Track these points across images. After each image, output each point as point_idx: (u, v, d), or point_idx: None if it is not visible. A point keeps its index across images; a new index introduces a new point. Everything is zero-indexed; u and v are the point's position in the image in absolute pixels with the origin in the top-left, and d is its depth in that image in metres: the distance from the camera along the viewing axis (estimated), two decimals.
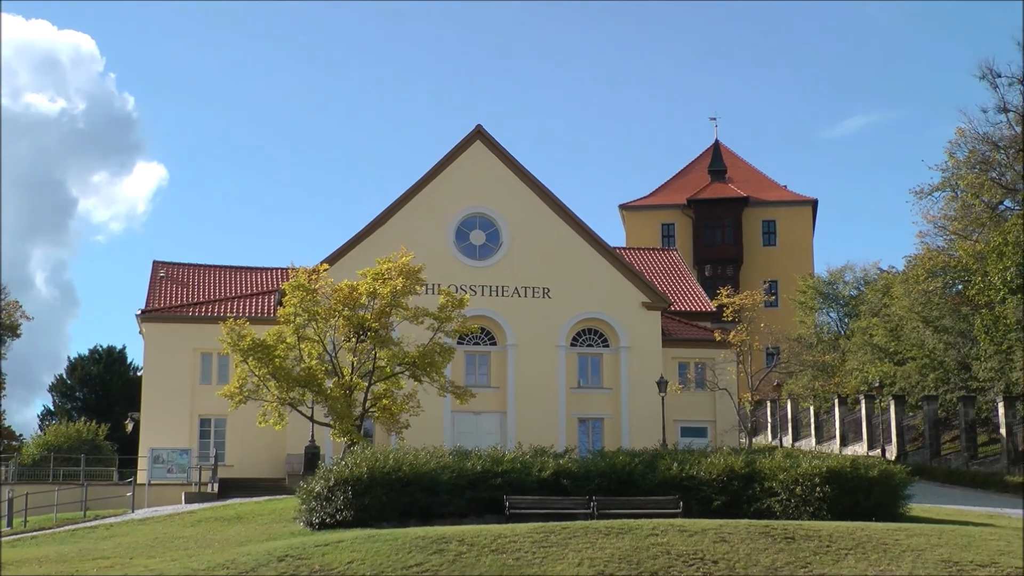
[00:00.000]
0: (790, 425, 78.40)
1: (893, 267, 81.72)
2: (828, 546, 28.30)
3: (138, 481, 53.24)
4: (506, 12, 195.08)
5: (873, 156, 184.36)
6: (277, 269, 65.15)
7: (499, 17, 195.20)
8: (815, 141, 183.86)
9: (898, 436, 65.32)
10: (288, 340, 47.66)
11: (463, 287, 58.00)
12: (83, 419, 78.30)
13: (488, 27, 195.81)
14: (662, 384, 57.80)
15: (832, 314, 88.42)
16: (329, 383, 47.57)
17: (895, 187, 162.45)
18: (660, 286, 67.55)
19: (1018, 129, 75.04)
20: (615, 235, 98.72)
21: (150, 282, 65.35)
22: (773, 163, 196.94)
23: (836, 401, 72.73)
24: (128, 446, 70.84)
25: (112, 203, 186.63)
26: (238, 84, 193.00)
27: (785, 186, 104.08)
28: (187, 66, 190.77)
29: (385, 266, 48.64)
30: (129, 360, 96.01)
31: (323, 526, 34.54)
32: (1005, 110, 75.47)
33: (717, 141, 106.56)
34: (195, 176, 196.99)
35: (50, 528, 43.44)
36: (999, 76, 75.35)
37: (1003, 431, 58.60)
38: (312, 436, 51.72)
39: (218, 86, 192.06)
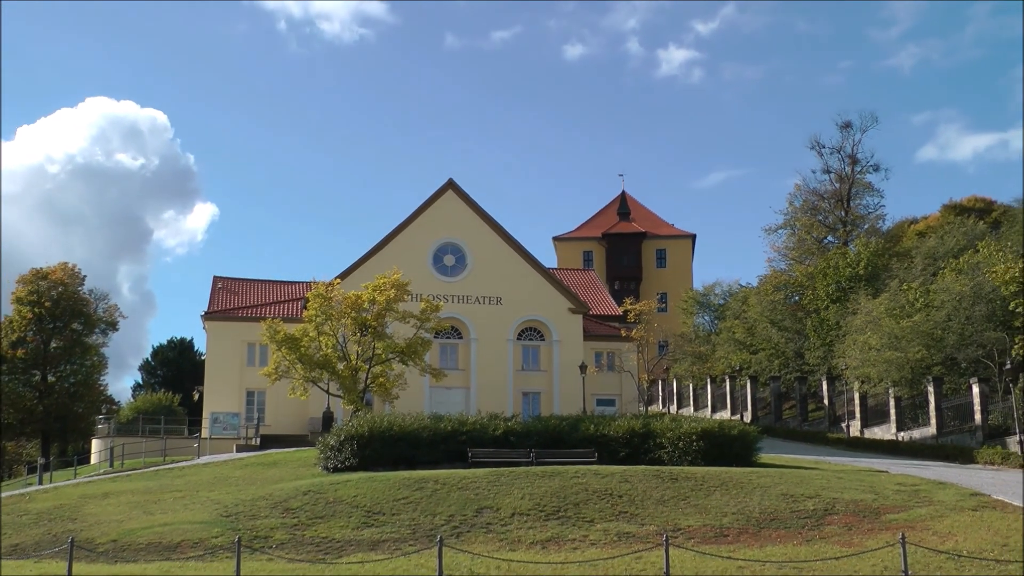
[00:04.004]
0: (675, 397, 78.63)
1: (749, 283, 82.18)
2: (701, 484, 28.44)
3: (202, 436, 52.93)
4: (477, 91, 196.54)
5: (734, 201, 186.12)
6: (302, 282, 64.59)
7: (474, 96, 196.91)
8: (691, 190, 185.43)
9: (752, 405, 65.72)
10: (311, 334, 47.36)
11: (438, 296, 57.95)
12: (163, 390, 77.69)
13: (465, 101, 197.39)
14: (583, 368, 57.85)
15: (706, 317, 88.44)
16: (340, 366, 47.24)
17: (750, 225, 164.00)
18: (582, 296, 67.56)
19: (837, 186, 76.18)
20: (549, 259, 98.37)
21: (211, 291, 64.74)
22: (664, 207, 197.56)
23: (708, 380, 73.00)
24: (195, 410, 70.62)
25: (178, 233, 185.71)
26: (271, 146, 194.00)
27: (672, 224, 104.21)
28: (232, 134, 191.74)
29: (381, 281, 48.49)
30: (196, 348, 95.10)
31: (336, 470, 34.40)
32: (828, 171, 76.92)
33: (624, 191, 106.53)
34: (239, 213, 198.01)
35: (139, 469, 43.46)
36: (824, 147, 76.86)
37: (826, 402, 59.18)
38: (328, 404, 51.45)
39: (256, 148, 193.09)
